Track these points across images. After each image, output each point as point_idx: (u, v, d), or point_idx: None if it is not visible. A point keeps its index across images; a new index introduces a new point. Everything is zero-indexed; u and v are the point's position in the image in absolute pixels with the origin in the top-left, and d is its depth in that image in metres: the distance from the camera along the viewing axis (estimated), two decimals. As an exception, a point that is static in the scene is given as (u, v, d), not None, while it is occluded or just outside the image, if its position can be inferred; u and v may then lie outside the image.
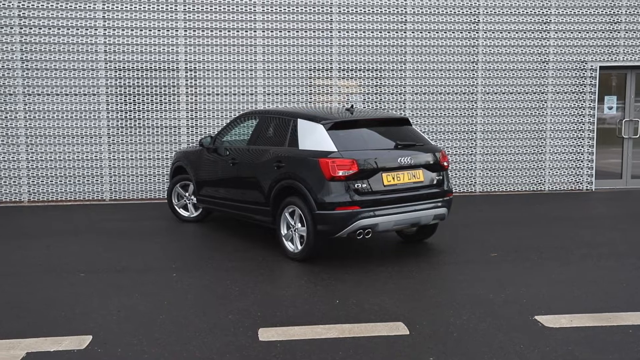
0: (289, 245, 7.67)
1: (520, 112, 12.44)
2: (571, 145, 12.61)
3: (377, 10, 11.89)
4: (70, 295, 6.32)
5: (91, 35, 11.37)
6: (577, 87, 12.51)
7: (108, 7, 11.33)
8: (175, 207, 9.85)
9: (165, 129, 11.74)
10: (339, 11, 11.81)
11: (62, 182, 11.57)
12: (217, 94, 11.78)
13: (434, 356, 4.82)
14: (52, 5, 11.20)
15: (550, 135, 12.54)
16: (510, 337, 5.18)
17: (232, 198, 8.62)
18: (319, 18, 11.79)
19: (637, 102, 13.00)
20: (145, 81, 11.58)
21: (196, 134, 11.77)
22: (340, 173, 7.07)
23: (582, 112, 12.57)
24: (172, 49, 11.56)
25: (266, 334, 5.27)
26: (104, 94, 11.51)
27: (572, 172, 12.67)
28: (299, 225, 7.48)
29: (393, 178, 7.34)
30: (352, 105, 8.44)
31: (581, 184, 12.72)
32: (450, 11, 12.07)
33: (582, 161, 12.66)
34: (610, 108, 13.00)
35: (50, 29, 11.26)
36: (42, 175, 11.52)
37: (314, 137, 7.50)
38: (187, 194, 9.74)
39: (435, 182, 7.71)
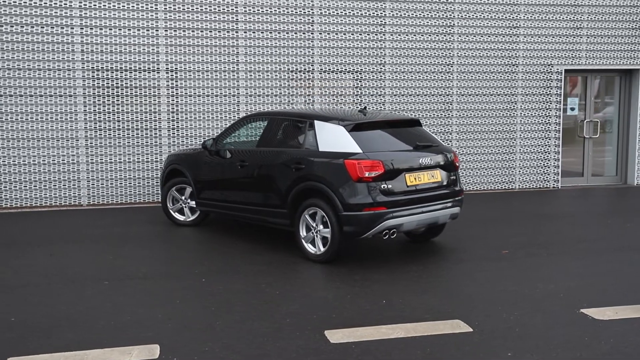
0: (309, 247, 7.66)
1: (492, 114, 12.86)
2: (539, 145, 13.14)
3: (357, 13, 12.01)
4: (109, 304, 6.10)
5: (67, 34, 10.94)
6: (544, 89, 13.05)
7: (85, 4, 10.93)
8: (171, 211, 9.62)
9: (146, 131, 11.43)
10: (320, 13, 11.85)
11: (37, 187, 11.07)
12: (199, 95, 11.58)
13: (511, 352, 4.96)
14: (25, 2, 10.71)
15: (520, 135, 13.03)
16: (570, 330, 5.39)
17: (240, 201, 8.52)
18: (300, 20, 11.79)
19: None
20: (124, 82, 11.25)
21: (177, 136, 11.53)
22: (367, 174, 7.13)
23: (548, 113, 13.12)
24: (152, 49, 11.28)
25: (335, 336, 5.27)
26: (80, 95, 11.10)
27: (540, 170, 13.21)
28: (321, 227, 7.48)
29: (415, 178, 7.47)
30: (365, 107, 8.52)
31: (548, 182, 13.28)
32: (427, 15, 12.33)
33: (549, 160, 13.22)
34: (572, 109, 13.63)
35: (22, 27, 10.76)
36: (14, 180, 10.98)
37: (335, 139, 7.53)
38: (183, 198, 9.54)
39: (449, 182, 7.89)
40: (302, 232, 7.71)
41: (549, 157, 13.22)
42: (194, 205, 9.41)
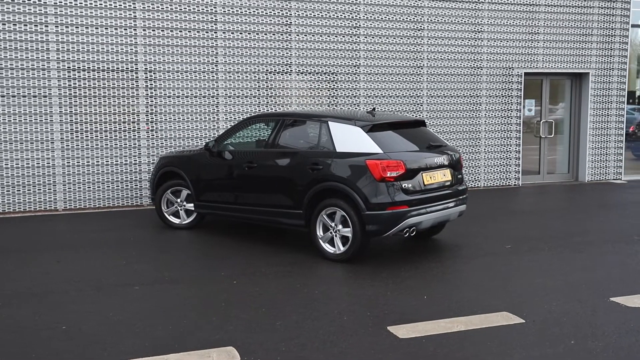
0: (327, 247, 7.74)
1: (459, 114, 13.33)
2: (501, 145, 13.73)
3: (333, 16, 12.16)
4: (156, 309, 5.99)
5: (42, 32, 10.52)
6: (506, 91, 13.65)
7: (60, 2, 10.54)
8: (165, 214, 9.45)
9: (123, 132, 11.15)
10: (297, 15, 11.92)
11: (9, 192, 10.57)
12: (178, 97, 11.39)
13: (573, 339, 5.26)
14: (-4, -2, 10.24)
15: (485, 135, 13.57)
16: (613, 318, 5.76)
17: (248, 202, 8.49)
18: (278, 21, 11.82)
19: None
20: (102, 82, 10.93)
21: (156, 137, 11.30)
22: (389, 174, 7.30)
23: (510, 114, 13.73)
24: (130, 49, 11.01)
25: (401, 332, 5.41)
26: (56, 95, 10.69)
27: (502, 169, 13.80)
28: (341, 226, 7.59)
29: (430, 177, 7.70)
30: (374, 108, 8.68)
31: (510, 180, 13.89)
32: (399, 18, 12.64)
33: (510, 159, 13.83)
34: (529, 110, 14.32)
35: (-6, 24, 10.28)
36: (-15, 184, 10.47)
37: (352, 139, 7.65)
38: (178, 200, 9.39)
39: (457, 180, 8.18)
40: (319, 232, 7.78)
41: (510, 156, 13.83)
42: (190, 208, 9.28)
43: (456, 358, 4.90)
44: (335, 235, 7.65)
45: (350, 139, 7.67)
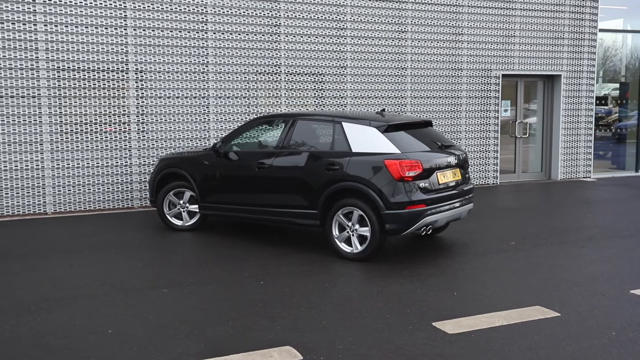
0: (343, 246, 7.81)
1: (441, 115, 13.59)
2: (480, 145, 14.07)
3: (320, 17, 12.23)
4: (195, 311, 5.95)
5: (30, 31, 10.23)
6: (485, 92, 13.99)
7: (50, 0, 10.28)
8: (167, 216, 9.34)
9: (114, 133, 10.94)
10: (287, 16, 11.95)
11: (-3, 196, 10.28)
12: (168, 97, 11.26)
13: (614, 331, 5.48)
14: (-18, -4, 9.92)
15: (465, 135, 13.88)
16: (640, 308, 6.04)
17: (259, 203, 8.47)
18: (268, 22, 11.82)
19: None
20: (92, 83, 10.70)
21: (146, 138, 11.14)
22: (408, 173, 7.42)
23: (488, 114, 14.08)
24: (121, 49, 10.82)
25: (447, 327, 5.53)
26: (45, 96, 10.41)
27: (481, 168, 14.13)
28: (358, 226, 7.67)
29: (444, 177, 7.87)
30: (383, 109, 8.78)
31: (489, 178, 14.25)
32: (384, 20, 12.81)
33: (489, 158, 14.19)
34: (505, 111, 14.71)
35: (-20, 22, 9.95)
36: (-29, 188, 10.12)
37: (368, 140, 7.74)
38: (181, 202, 9.29)
39: (465, 179, 8.38)
40: (335, 232, 7.85)
41: (489, 156, 14.18)
42: (194, 210, 9.20)
43: (512, 351, 5.04)
44: (353, 235, 7.73)
45: (366, 139, 7.76)
